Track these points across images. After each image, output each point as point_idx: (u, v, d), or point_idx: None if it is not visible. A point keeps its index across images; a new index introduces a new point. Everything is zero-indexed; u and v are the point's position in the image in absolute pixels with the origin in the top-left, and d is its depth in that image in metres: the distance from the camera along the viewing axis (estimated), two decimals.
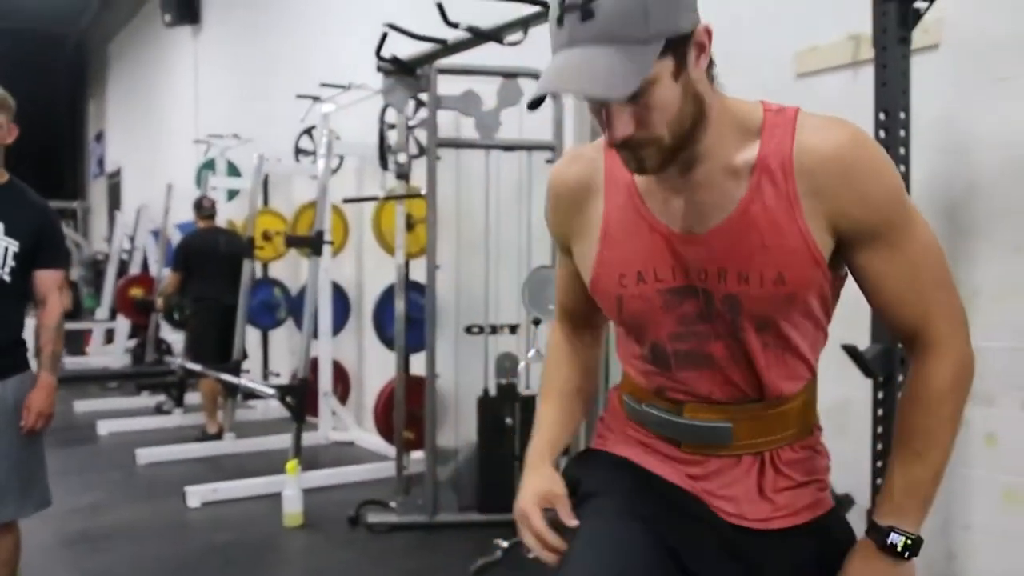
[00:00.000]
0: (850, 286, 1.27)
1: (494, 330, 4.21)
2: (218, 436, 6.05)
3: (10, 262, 2.67)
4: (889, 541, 1.19)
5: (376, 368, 6.17)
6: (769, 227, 1.15)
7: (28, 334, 2.82)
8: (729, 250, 1.18)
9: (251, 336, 6.65)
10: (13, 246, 2.67)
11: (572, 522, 1.27)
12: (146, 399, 7.72)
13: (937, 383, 1.20)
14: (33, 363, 2.80)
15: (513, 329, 4.18)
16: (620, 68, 1.03)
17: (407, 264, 4.53)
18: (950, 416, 1.21)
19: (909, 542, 1.20)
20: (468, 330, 4.34)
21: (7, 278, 2.66)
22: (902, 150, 2.54)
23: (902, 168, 2.56)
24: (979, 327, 2.77)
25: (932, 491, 1.22)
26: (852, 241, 1.17)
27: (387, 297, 5.22)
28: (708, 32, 1.11)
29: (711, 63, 1.15)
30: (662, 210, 1.22)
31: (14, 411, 2.67)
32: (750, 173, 1.16)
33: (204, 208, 6.39)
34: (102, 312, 9.60)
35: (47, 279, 2.80)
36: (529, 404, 4.20)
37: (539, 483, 1.34)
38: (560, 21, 1.07)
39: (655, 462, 1.32)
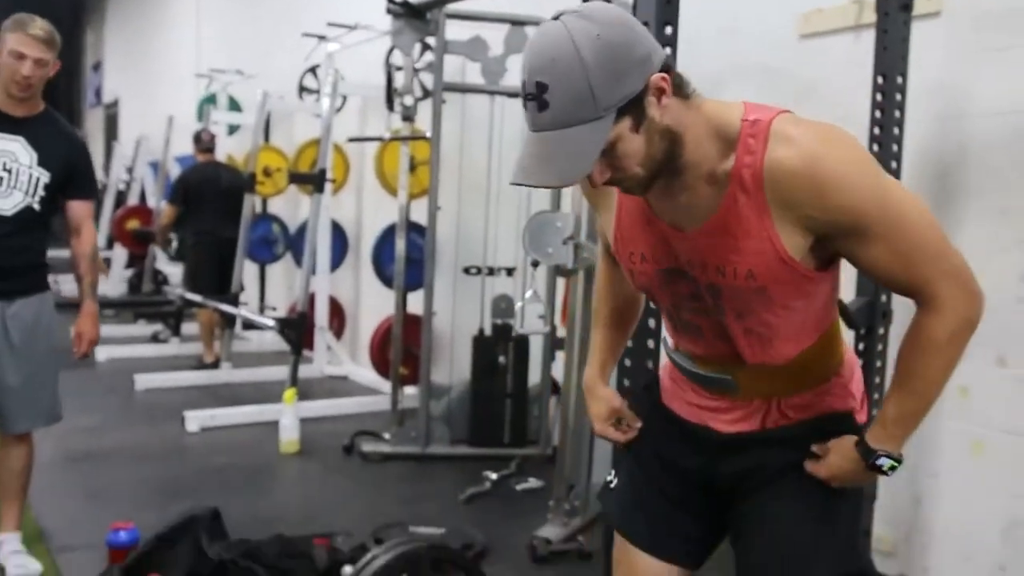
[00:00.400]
0: None
1: (491, 272, 4.32)
2: (215, 365, 6.17)
3: (40, 192, 2.75)
4: (879, 463, 1.35)
5: (372, 305, 6.29)
6: (741, 231, 1.27)
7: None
8: (709, 247, 1.31)
9: (248, 270, 6.74)
10: (45, 177, 2.75)
11: (636, 424, 1.60)
12: (143, 328, 7.83)
13: (936, 335, 1.29)
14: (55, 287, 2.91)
15: (510, 272, 4.28)
16: (575, 152, 1.16)
17: (408, 204, 4.62)
18: (945, 364, 1.31)
19: (894, 464, 1.36)
20: (466, 271, 4.45)
21: (36, 207, 2.75)
22: (897, 113, 2.63)
23: (896, 131, 2.65)
24: None
25: (918, 421, 1.36)
26: (832, 237, 1.27)
27: (387, 236, 5.31)
28: (663, 78, 1.20)
29: (681, 82, 1.25)
30: (660, 207, 1.36)
31: (34, 327, 2.78)
32: (727, 183, 1.26)
33: (203, 142, 6.42)
34: (99, 241, 9.64)
35: (80, 209, 2.89)
36: (522, 344, 4.34)
37: (603, 406, 1.63)
38: (525, 106, 1.19)
39: (680, 404, 1.55)
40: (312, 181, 5.25)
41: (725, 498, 1.50)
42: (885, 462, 1.35)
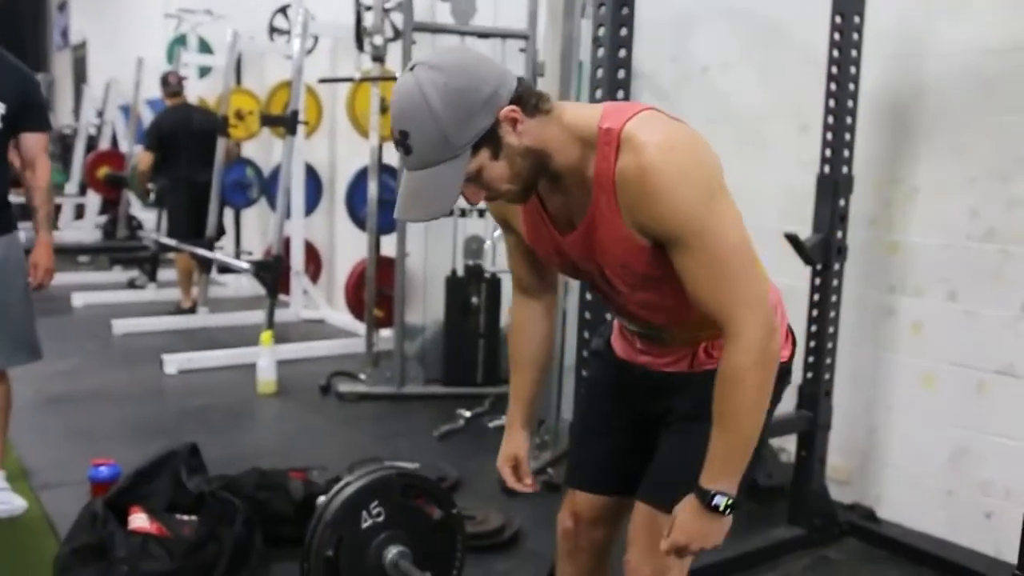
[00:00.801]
0: (795, 181, 1.42)
1: (463, 213, 4.36)
2: (192, 310, 6.21)
3: None
4: (713, 503, 1.39)
5: (347, 249, 6.33)
6: (607, 229, 1.39)
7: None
8: (589, 244, 1.43)
9: (223, 215, 6.72)
10: (0, 108, 2.75)
11: (528, 479, 1.76)
12: (119, 274, 7.83)
13: (736, 366, 1.35)
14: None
15: (481, 213, 4.33)
16: (438, 188, 1.30)
17: (380, 147, 4.63)
18: (752, 395, 1.36)
19: (729, 502, 1.40)
20: None
21: None
22: (854, 52, 2.68)
23: (852, 69, 2.71)
24: (915, 223, 3.00)
25: (745, 458, 1.40)
26: (659, 242, 1.36)
27: (360, 179, 5.32)
28: (512, 109, 1.30)
29: (538, 101, 1.34)
30: (553, 212, 1.49)
31: (3, 266, 2.82)
32: (592, 187, 1.37)
33: (170, 85, 6.31)
34: (71, 187, 9.56)
35: (34, 142, 2.89)
36: (494, 284, 4.41)
37: (510, 448, 1.76)
38: (397, 150, 1.32)
39: (629, 352, 1.69)
40: (284, 124, 5.25)
41: (653, 431, 1.65)
42: (720, 500, 1.39)
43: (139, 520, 2.50)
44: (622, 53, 2.48)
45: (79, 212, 9.53)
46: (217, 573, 2.43)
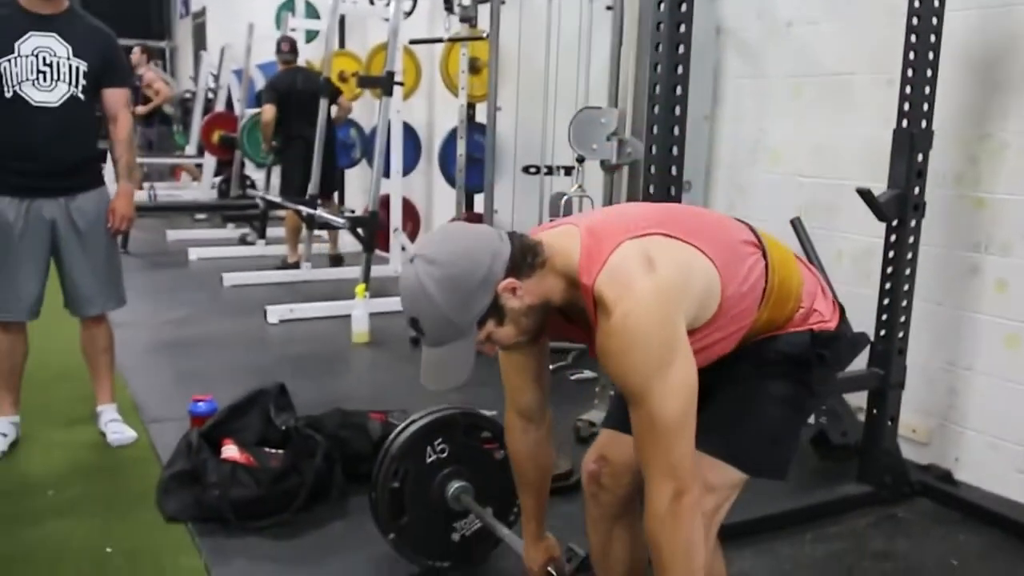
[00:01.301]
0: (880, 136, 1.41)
1: (550, 171, 4.43)
2: (296, 266, 6.50)
3: (81, 81, 2.95)
4: None
5: (444, 207, 6.48)
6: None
7: None
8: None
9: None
10: (83, 66, 2.95)
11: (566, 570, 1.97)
12: (232, 231, 8.25)
13: (648, 530, 1.47)
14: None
15: (568, 170, 4.39)
16: (457, 362, 1.47)
17: (472, 106, 4.73)
18: (667, 551, 1.46)
19: None
20: (525, 170, 4.57)
21: (81, 96, 2.96)
22: (935, 3, 2.61)
23: (934, 20, 2.64)
24: (1003, 179, 2.91)
25: None
26: None
27: (452, 138, 5.45)
28: (510, 284, 1.44)
29: (533, 260, 1.47)
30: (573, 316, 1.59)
31: (96, 219, 3.05)
32: (589, 316, 1.49)
33: (283, 52, 6.56)
34: (191, 149, 10.06)
35: (116, 97, 3.09)
36: None
37: (541, 555, 1.96)
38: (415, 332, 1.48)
39: None
40: (380, 84, 5.40)
41: None
42: None
43: (230, 451, 2.71)
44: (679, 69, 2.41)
45: (195, 175, 10.03)
46: (298, 502, 2.62)
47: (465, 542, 2.35)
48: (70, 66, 2.93)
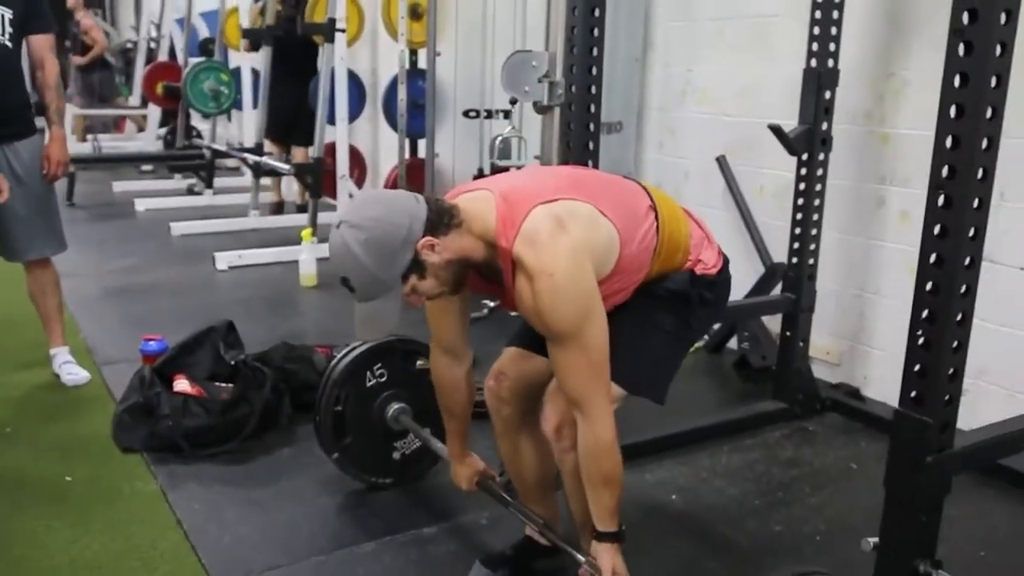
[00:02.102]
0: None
1: (489, 114, 4.55)
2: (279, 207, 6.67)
3: (8, 28, 2.98)
4: (608, 539, 1.77)
5: (390, 153, 6.54)
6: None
7: None
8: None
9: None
10: (8, 13, 2.97)
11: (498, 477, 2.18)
12: (179, 182, 8.23)
13: (584, 445, 1.70)
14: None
15: (507, 114, 4.51)
16: (384, 315, 1.63)
17: (414, 52, 4.81)
18: (599, 469, 1.70)
19: (621, 532, 1.78)
20: (465, 114, 4.68)
21: (9, 44, 2.99)
22: None
23: None
24: (905, 115, 3.10)
25: (617, 506, 1.75)
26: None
27: (395, 84, 5.51)
28: (429, 242, 1.60)
29: (450, 219, 1.63)
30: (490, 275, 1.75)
31: (32, 164, 3.09)
32: (505, 277, 1.67)
33: None
34: (134, 100, 9.93)
35: (41, 42, 3.11)
36: None
37: (468, 470, 2.16)
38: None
39: None
40: (322, 31, 5.43)
41: None
42: (609, 537, 1.76)
43: (181, 384, 2.85)
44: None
45: (141, 124, 9.91)
46: (248, 430, 2.77)
47: (405, 460, 2.53)
48: None
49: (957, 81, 1.48)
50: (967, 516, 2.42)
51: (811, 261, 3.02)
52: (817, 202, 2.97)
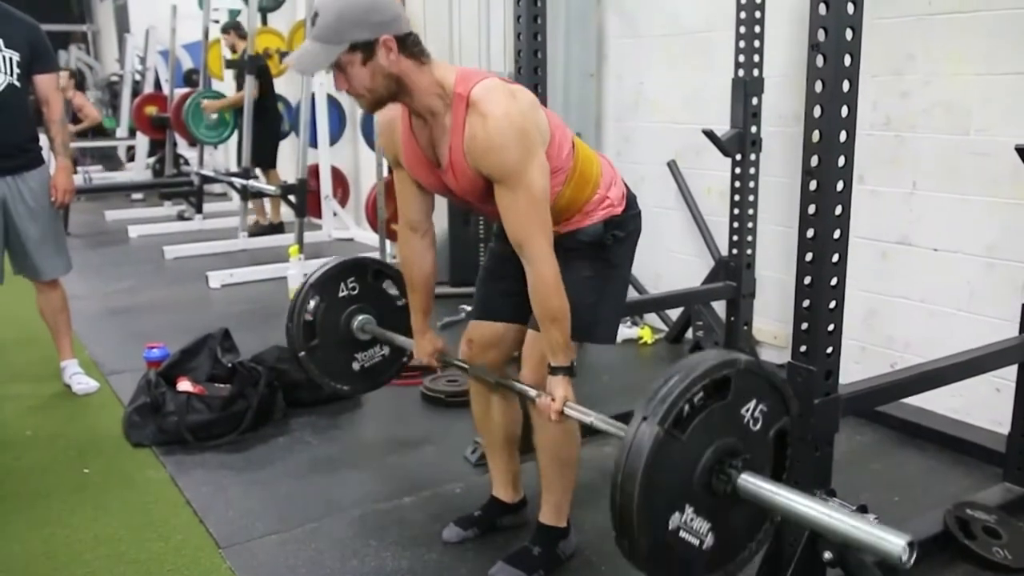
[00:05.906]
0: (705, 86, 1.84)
1: None
2: (279, 227, 7.02)
3: (16, 69, 3.27)
4: (562, 372, 1.95)
5: (371, 173, 6.86)
6: (460, 167, 1.90)
7: None
8: (452, 175, 1.93)
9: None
10: (15, 56, 3.27)
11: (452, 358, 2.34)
12: (169, 208, 8.53)
13: (532, 286, 1.90)
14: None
15: None
16: (318, 57, 1.79)
17: None
18: (547, 307, 1.90)
19: (572, 367, 1.96)
20: None
21: (17, 84, 3.28)
22: None
23: None
24: None
25: (567, 341, 1.93)
26: (490, 178, 1.88)
27: None
28: (390, 42, 1.79)
29: (419, 50, 1.84)
30: (423, 144, 1.98)
31: (41, 193, 3.39)
32: (450, 136, 1.87)
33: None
34: (121, 131, 10.23)
35: (47, 82, 3.41)
36: None
37: (429, 346, 2.34)
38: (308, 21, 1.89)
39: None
40: None
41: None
42: (565, 369, 1.95)
43: (185, 385, 3.15)
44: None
45: (130, 155, 10.20)
46: (246, 423, 3.07)
47: (364, 371, 2.67)
48: (3, 56, 3.24)
49: (819, 87, 1.79)
50: (887, 468, 2.74)
51: (749, 252, 3.34)
52: (751, 198, 3.29)
